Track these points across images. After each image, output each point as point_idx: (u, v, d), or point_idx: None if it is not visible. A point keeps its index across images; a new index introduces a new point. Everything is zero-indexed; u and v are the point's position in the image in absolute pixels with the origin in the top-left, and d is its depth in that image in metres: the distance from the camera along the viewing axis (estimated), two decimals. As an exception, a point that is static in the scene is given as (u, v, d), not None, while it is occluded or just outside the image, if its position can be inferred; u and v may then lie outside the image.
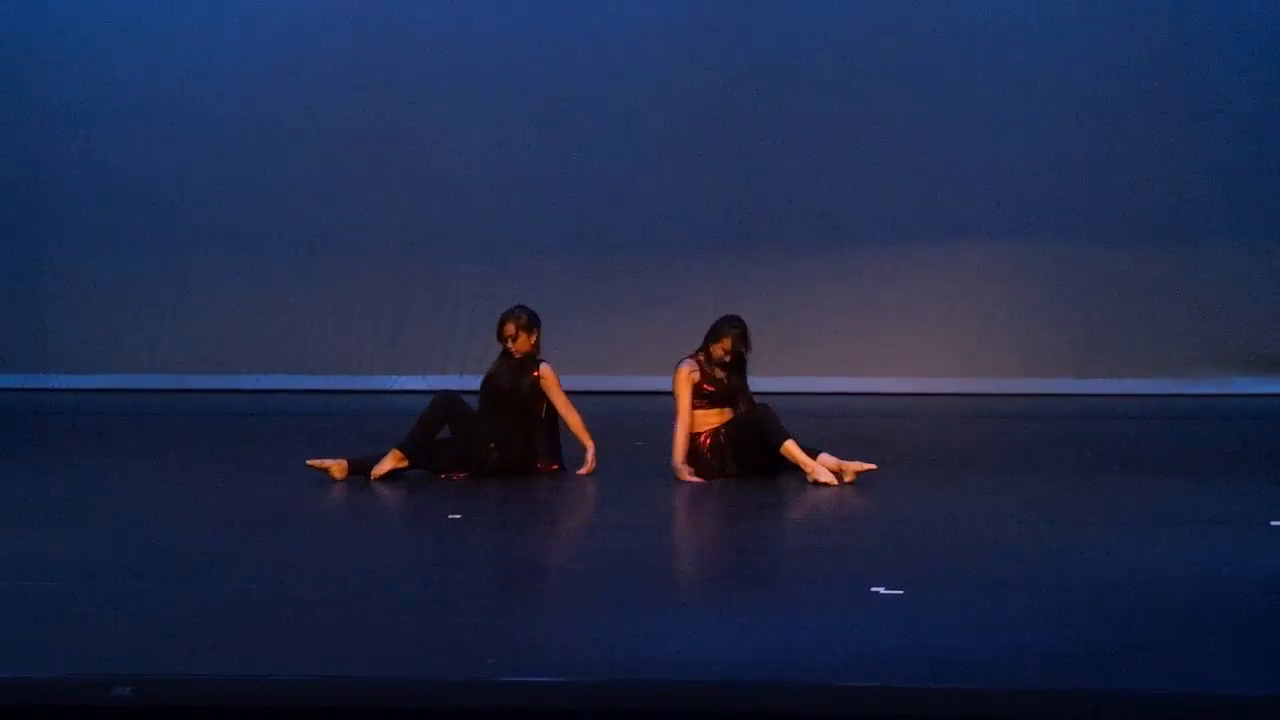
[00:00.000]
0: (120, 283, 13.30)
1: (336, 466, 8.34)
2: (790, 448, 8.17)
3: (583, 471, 8.51)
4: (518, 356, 8.53)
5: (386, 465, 8.36)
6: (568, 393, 8.61)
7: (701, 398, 8.38)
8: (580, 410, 8.65)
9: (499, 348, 8.66)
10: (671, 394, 8.43)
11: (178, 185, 13.25)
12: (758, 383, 8.68)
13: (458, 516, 7.45)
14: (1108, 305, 13.17)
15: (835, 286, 13.17)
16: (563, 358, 13.12)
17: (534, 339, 8.54)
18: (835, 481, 8.07)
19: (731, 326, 8.39)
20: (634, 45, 13.16)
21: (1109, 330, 13.16)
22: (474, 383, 12.62)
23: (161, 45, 13.25)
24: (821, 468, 8.12)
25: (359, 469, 8.36)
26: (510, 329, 8.54)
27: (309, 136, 13.21)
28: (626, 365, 12.97)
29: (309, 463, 8.37)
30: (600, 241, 13.26)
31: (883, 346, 13.12)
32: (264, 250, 13.25)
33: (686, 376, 8.39)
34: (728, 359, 8.37)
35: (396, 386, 13.07)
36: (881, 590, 5.76)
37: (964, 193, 13.12)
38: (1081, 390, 12.99)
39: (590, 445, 8.57)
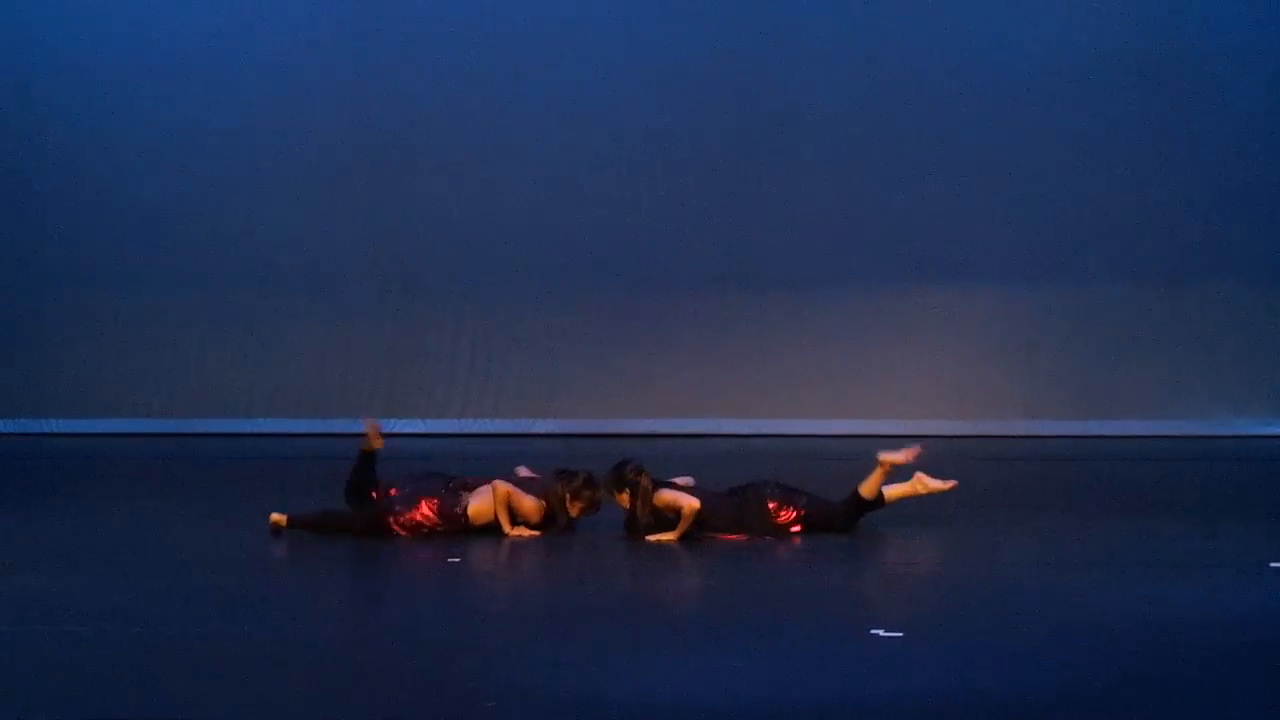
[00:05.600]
0: (118, 328, 13.27)
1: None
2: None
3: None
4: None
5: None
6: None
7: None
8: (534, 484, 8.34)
9: (493, 392, 8.55)
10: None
11: (174, 232, 13.21)
12: (760, 425, 8.66)
13: (456, 560, 7.44)
14: (1110, 347, 13.15)
15: (838, 329, 13.15)
16: (560, 401, 13.29)
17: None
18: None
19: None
20: (641, 91, 13.15)
21: (1111, 372, 13.14)
22: (473, 425, 12.81)
23: (161, 92, 13.24)
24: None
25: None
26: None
27: (309, 182, 13.20)
28: (625, 409, 12.94)
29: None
30: (600, 285, 13.25)
31: (883, 389, 13.09)
32: (263, 295, 13.24)
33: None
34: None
35: (395, 430, 13.04)
36: (881, 633, 5.74)
37: (966, 237, 13.11)
38: (1084, 432, 12.96)
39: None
